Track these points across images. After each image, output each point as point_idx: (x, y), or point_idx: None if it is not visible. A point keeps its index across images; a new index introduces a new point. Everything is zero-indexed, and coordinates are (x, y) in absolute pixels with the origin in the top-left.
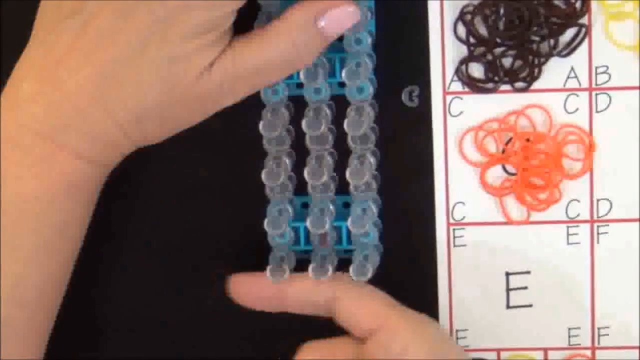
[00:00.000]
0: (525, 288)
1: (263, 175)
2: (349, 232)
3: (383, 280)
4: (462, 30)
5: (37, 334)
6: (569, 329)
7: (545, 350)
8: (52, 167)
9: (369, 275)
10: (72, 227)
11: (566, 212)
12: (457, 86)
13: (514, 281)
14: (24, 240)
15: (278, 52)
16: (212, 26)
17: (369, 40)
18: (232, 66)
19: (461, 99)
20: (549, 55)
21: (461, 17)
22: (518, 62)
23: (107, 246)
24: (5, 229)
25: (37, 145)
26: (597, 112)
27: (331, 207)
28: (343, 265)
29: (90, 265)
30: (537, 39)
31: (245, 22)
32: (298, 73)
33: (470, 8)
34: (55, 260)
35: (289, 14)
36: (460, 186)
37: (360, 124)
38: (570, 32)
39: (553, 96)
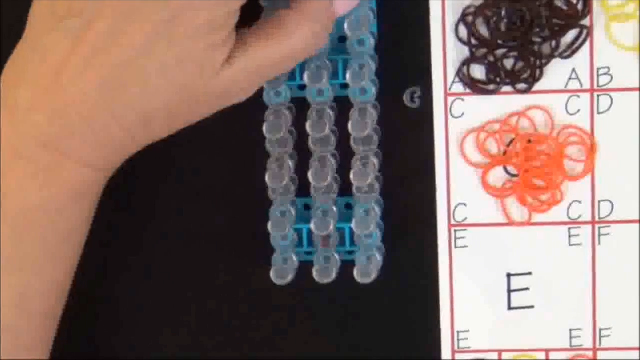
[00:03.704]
0: (527, 289)
1: (266, 177)
2: (351, 233)
3: (384, 281)
4: (463, 31)
5: (43, 342)
6: (571, 330)
7: (547, 351)
8: (57, 176)
9: (373, 276)
10: (77, 234)
11: (568, 214)
12: (458, 87)
13: (516, 282)
14: (30, 250)
15: (300, 43)
16: (217, 26)
17: (372, 41)
18: (246, 63)
19: (463, 100)
20: (550, 57)
21: (463, 18)
22: (520, 64)
23: (109, 248)
24: (11, 240)
25: (41, 155)
26: (598, 113)
27: (334, 208)
28: (346, 266)
29: (91, 268)
30: (538, 40)
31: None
32: (301, 75)
33: (472, 9)
34: (60, 268)
35: (305, 5)
36: (461, 187)
37: (364, 126)
38: (571, 34)
39: (554, 97)
